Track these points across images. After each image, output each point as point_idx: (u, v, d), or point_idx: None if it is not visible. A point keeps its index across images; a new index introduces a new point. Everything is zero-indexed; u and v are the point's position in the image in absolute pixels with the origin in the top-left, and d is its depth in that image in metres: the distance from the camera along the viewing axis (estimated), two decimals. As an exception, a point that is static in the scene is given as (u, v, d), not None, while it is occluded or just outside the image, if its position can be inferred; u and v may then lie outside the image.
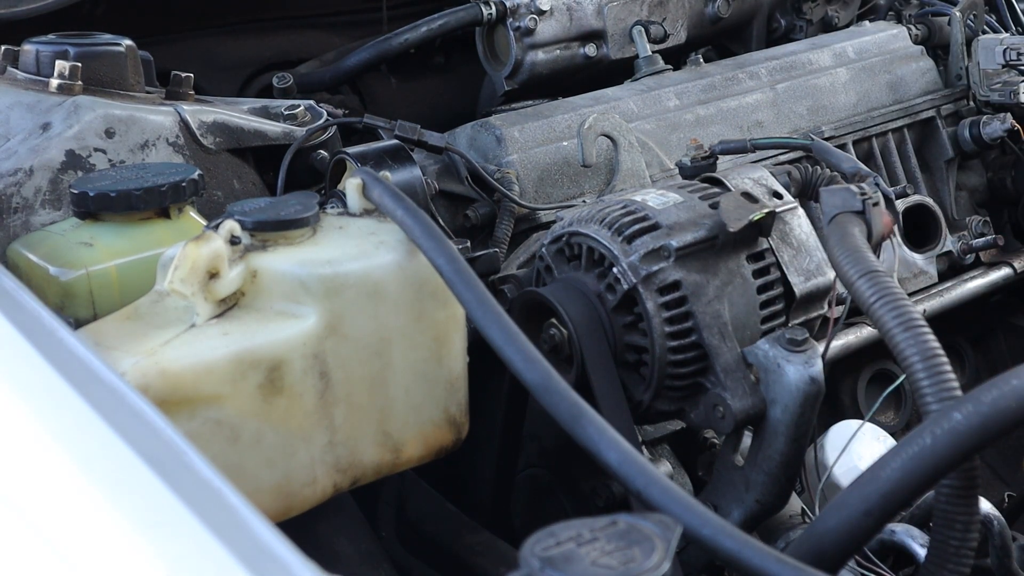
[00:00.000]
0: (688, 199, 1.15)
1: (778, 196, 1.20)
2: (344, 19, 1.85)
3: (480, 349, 1.02)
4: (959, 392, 0.88)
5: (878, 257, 1.17)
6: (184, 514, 0.65)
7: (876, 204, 1.06)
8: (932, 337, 0.90)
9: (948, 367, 0.89)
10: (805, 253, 1.17)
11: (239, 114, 1.37)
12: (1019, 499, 1.36)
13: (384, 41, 1.70)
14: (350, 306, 1.00)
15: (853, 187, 1.07)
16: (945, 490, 0.90)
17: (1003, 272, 1.71)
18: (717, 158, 1.28)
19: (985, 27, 1.88)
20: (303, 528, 1.06)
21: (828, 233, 1.04)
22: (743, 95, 1.62)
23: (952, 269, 1.68)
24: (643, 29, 1.68)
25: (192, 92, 1.39)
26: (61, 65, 1.31)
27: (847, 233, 1.02)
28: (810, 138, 1.35)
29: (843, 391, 1.66)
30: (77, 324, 1.04)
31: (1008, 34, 1.87)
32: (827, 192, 1.08)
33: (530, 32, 1.63)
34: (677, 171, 1.31)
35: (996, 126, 1.72)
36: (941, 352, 0.89)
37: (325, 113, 1.42)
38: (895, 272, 1.53)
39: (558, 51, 1.67)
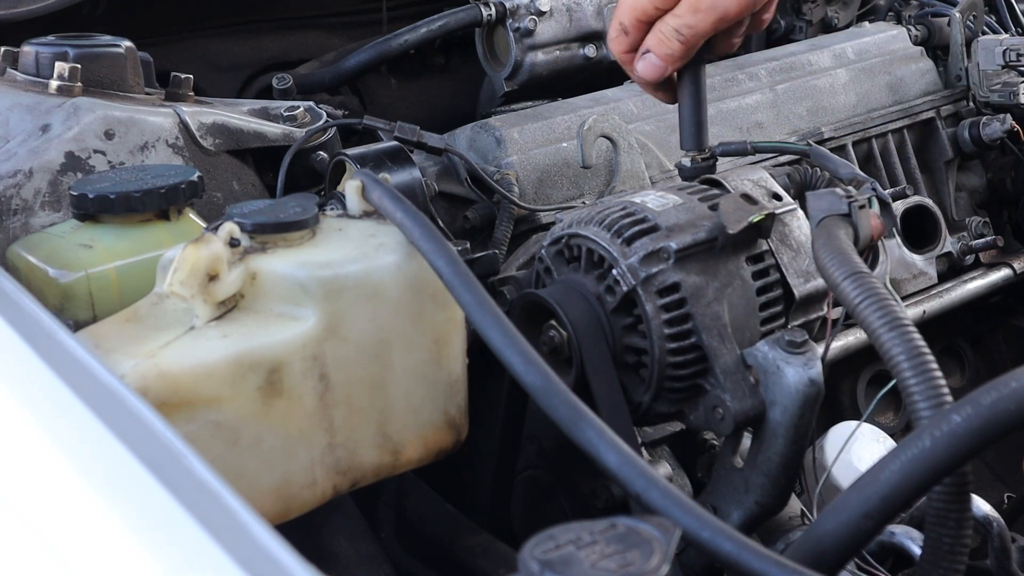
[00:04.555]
0: (687, 201, 1.15)
1: (777, 198, 1.20)
2: (344, 20, 1.85)
3: (479, 351, 1.03)
4: (947, 391, 0.88)
5: (871, 259, 1.18)
6: (183, 517, 0.65)
7: (863, 207, 1.07)
8: (918, 337, 0.90)
9: (935, 366, 0.89)
10: (804, 255, 1.17)
11: (239, 115, 1.37)
12: (1019, 500, 1.36)
13: (384, 42, 1.70)
14: (349, 308, 1.01)
15: (839, 190, 1.08)
16: (936, 487, 0.90)
17: (1003, 273, 1.71)
18: (717, 160, 1.28)
19: (985, 28, 1.88)
20: (302, 530, 1.06)
21: (814, 236, 1.04)
22: (743, 96, 1.62)
23: (952, 270, 1.68)
24: (643, 30, 1.68)
25: (192, 93, 1.39)
26: (60, 67, 1.31)
27: (832, 236, 1.02)
28: (808, 143, 1.35)
29: (843, 392, 1.66)
30: (77, 326, 1.04)
31: (1008, 35, 1.87)
32: (813, 196, 1.08)
33: (530, 33, 1.63)
34: (677, 172, 1.31)
35: (996, 127, 1.72)
36: (928, 351, 0.89)
37: (325, 114, 1.42)
38: (887, 275, 1.53)
39: (558, 52, 1.67)
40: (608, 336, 1.12)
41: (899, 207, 1.61)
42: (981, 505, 1.08)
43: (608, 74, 1.69)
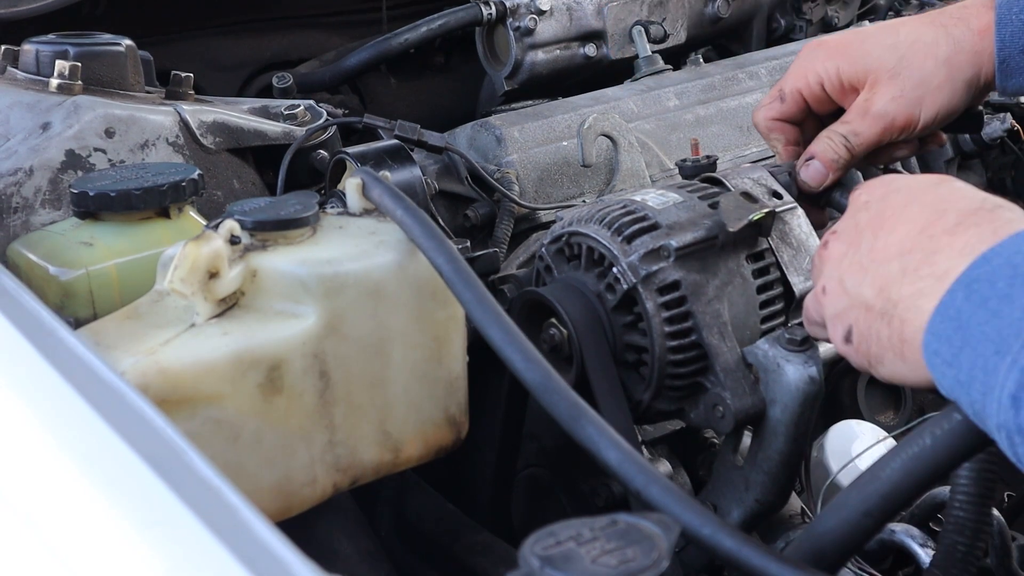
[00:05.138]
0: (688, 199, 1.15)
1: (778, 196, 1.20)
2: (344, 19, 1.85)
3: (480, 349, 1.03)
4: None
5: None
6: (184, 513, 0.65)
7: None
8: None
9: None
10: (805, 253, 1.17)
11: (239, 114, 1.37)
12: (1019, 499, 1.36)
13: (384, 41, 1.70)
14: (350, 306, 1.01)
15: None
16: (960, 496, 0.90)
17: (1003, 272, 1.70)
18: (717, 158, 1.28)
19: (985, 27, 1.88)
20: (303, 528, 1.06)
21: None
22: (743, 95, 1.62)
23: (952, 269, 1.68)
24: (643, 29, 1.68)
25: (192, 92, 1.39)
26: (61, 65, 1.31)
27: None
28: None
29: (843, 391, 1.66)
30: (77, 324, 1.04)
31: (1008, 34, 1.87)
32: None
33: (530, 32, 1.63)
34: (677, 171, 1.31)
35: (996, 126, 1.72)
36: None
37: (325, 113, 1.42)
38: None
39: (558, 51, 1.67)
40: (608, 334, 1.12)
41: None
42: (981, 504, 1.08)
43: (608, 73, 1.69)
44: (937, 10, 1.19)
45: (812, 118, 1.22)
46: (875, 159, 1.24)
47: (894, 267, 0.84)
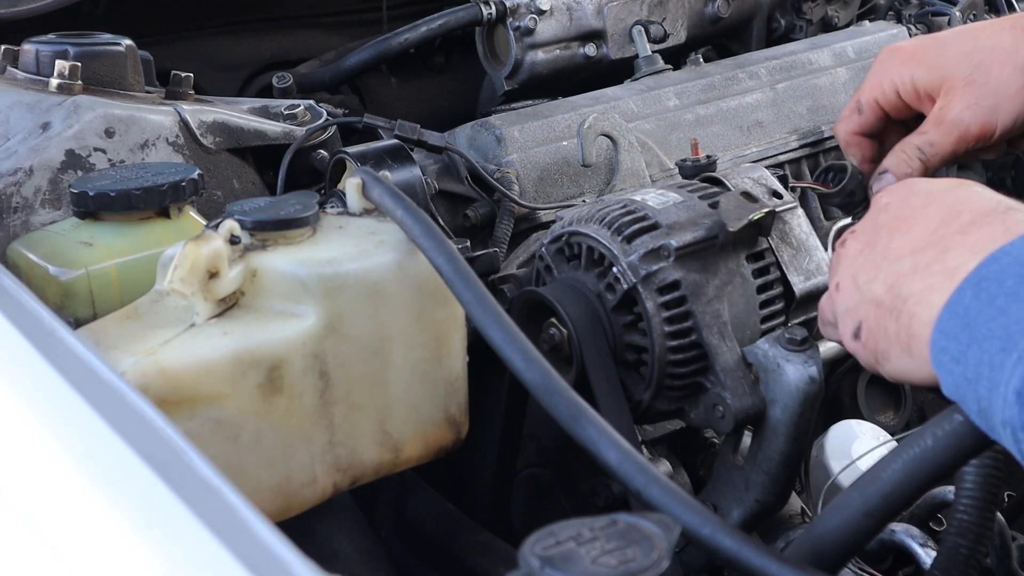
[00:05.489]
0: (688, 199, 1.15)
1: (778, 196, 1.20)
2: (344, 19, 1.85)
3: (480, 349, 1.02)
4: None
5: None
6: (184, 514, 0.65)
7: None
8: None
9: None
10: (805, 253, 1.17)
11: (239, 114, 1.37)
12: (1019, 499, 1.36)
13: (384, 41, 1.70)
14: (350, 305, 1.01)
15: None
16: (965, 499, 0.90)
17: (1003, 272, 1.70)
18: (717, 158, 1.28)
19: (985, 27, 1.87)
20: (303, 528, 1.06)
21: None
22: (743, 95, 1.62)
23: (952, 269, 1.67)
24: (643, 29, 1.68)
25: (192, 92, 1.39)
26: (61, 65, 1.31)
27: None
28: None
29: (843, 391, 1.66)
30: (77, 323, 1.04)
31: (1008, 34, 1.86)
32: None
33: (530, 32, 1.63)
34: (677, 171, 1.31)
35: (996, 126, 1.71)
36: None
37: (325, 113, 1.42)
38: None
39: (558, 51, 1.67)
40: (608, 334, 1.12)
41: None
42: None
43: (608, 73, 1.69)
44: (1017, 14, 1.17)
45: (894, 127, 1.20)
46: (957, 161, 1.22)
47: (906, 264, 0.85)
